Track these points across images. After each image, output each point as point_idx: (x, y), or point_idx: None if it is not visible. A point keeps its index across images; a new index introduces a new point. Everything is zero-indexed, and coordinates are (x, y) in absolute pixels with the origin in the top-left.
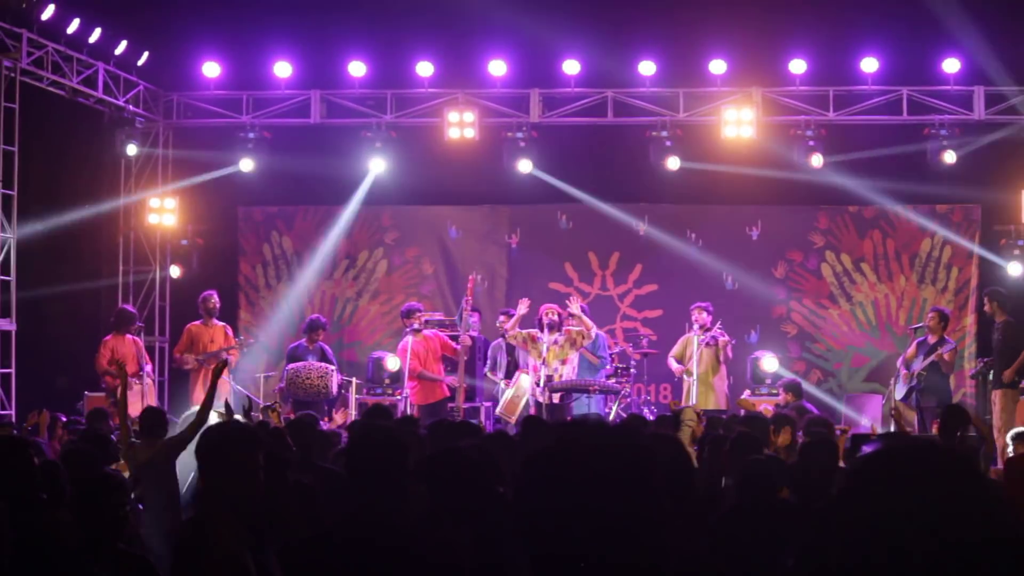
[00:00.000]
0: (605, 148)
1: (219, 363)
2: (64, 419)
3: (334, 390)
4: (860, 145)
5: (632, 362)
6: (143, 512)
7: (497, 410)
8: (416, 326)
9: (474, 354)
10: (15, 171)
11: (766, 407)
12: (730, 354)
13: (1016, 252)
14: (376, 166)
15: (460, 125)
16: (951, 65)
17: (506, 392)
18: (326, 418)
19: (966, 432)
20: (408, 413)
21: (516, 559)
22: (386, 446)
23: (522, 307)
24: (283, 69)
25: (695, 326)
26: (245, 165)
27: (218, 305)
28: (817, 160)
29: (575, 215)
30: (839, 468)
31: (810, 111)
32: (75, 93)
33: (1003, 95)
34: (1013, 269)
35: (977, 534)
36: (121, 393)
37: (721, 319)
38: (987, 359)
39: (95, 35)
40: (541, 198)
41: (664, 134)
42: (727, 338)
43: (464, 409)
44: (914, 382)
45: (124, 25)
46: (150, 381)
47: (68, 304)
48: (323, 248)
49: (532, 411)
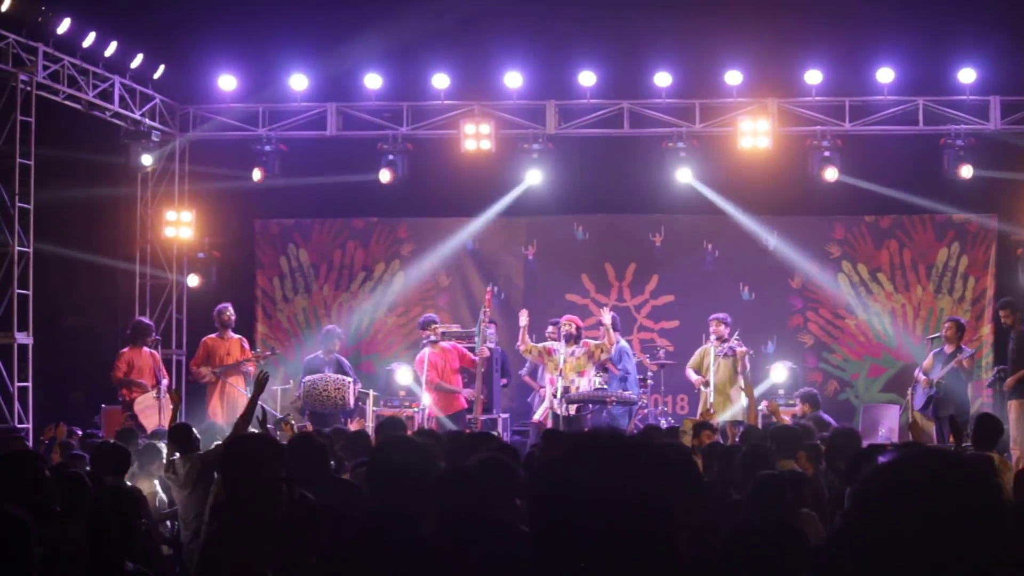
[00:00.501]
0: (621, 159)
1: (260, 376)
2: (80, 433)
3: (351, 402)
4: (876, 155)
5: (649, 373)
6: (183, 528)
7: (535, 416)
8: (432, 337)
9: (491, 366)
10: (31, 185)
11: (784, 418)
12: (747, 365)
13: None
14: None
15: (476, 137)
16: (967, 75)
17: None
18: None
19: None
20: (424, 425)
21: None
22: (410, 458)
23: (522, 318)
24: (299, 82)
25: (712, 337)
26: (255, 175)
27: (233, 317)
28: (831, 174)
29: (592, 226)
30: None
31: (826, 122)
32: (91, 107)
33: (1019, 104)
34: None
35: (987, 546)
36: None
37: (739, 330)
38: (1002, 367)
39: (111, 49)
40: (557, 209)
41: (680, 145)
42: (744, 348)
43: (482, 420)
44: (932, 391)
45: (140, 39)
46: (168, 395)
47: (85, 318)
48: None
49: (549, 423)
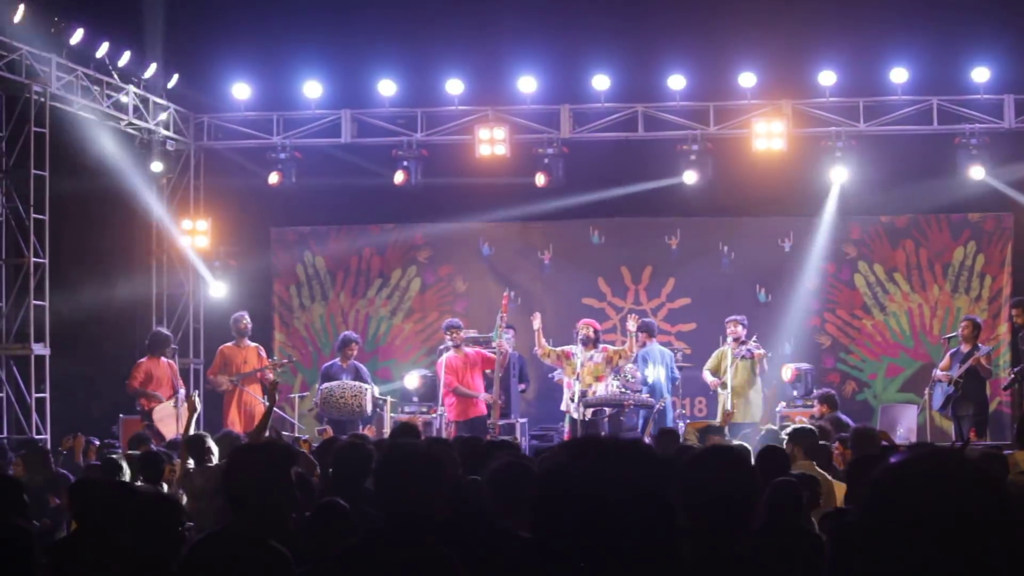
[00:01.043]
0: (636, 162)
1: (271, 393)
2: (97, 443)
3: (368, 408)
4: (891, 155)
5: (673, 376)
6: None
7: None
8: (451, 342)
9: (509, 371)
10: (46, 195)
11: (801, 419)
12: (765, 367)
13: None
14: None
15: (491, 142)
16: (980, 74)
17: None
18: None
19: None
20: (443, 431)
21: None
22: (415, 463)
23: (535, 322)
24: (313, 89)
25: (729, 339)
26: (272, 178)
27: (250, 326)
28: (837, 174)
29: (607, 230)
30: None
31: (840, 122)
32: (105, 117)
33: None
34: None
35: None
36: (187, 424)
37: (757, 332)
38: (1018, 368)
39: (124, 59)
40: (573, 213)
41: (695, 148)
42: (763, 351)
43: (500, 426)
44: (951, 390)
45: (153, 48)
46: (185, 404)
47: (102, 328)
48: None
49: (567, 428)
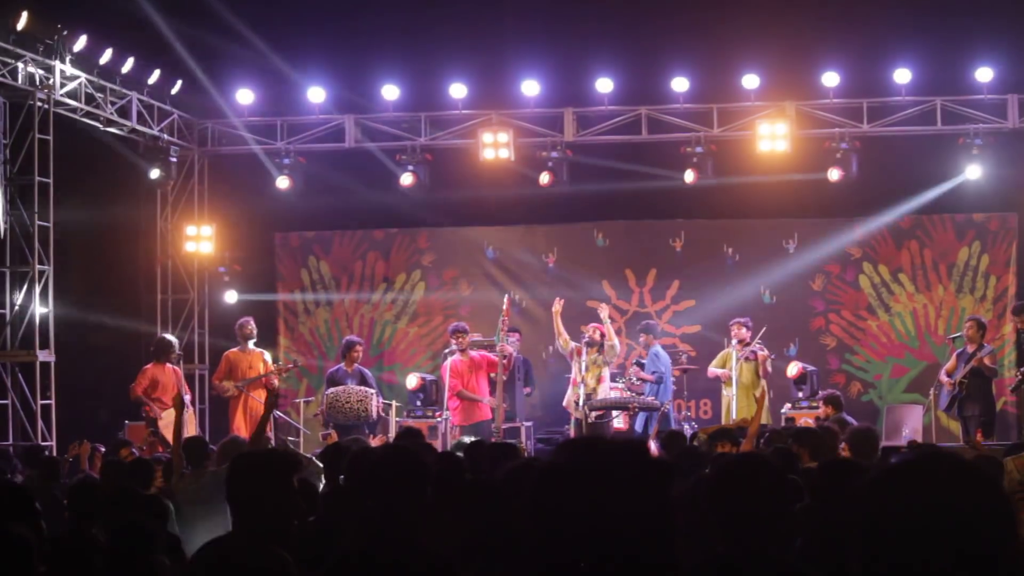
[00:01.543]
0: (640, 165)
1: (269, 396)
2: (103, 450)
3: (374, 414)
4: (895, 156)
5: (671, 378)
6: (189, 545)
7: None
8: (455, 346)
9: (513, 374)
10: (50, 202)
11: (806, 420)
12: (769, 369)
13: None
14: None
15: (495, 146)
16: (984, 74)
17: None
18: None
19: None
20: (448, 435)
21: None
22: (396, 466)
23: (556, 305)
24: (316, 94)
25: (734, 340)
26: (281, 183)
27: (255, 331)
28: (833, 175)
29: (611, 232)
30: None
31: (844, 123)
32: (109, 123)
33: None
34: None
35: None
36: (177, 421)
37: (762, 333)
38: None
39: (128, 65)
40: (577, 216)
41: (699, 150)
42: (767, 353)
43: (504, 430)
44: (956, 391)
45: (156, 54)
46: (190, 410)
47: (107, 334)
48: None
49: (572, 431)
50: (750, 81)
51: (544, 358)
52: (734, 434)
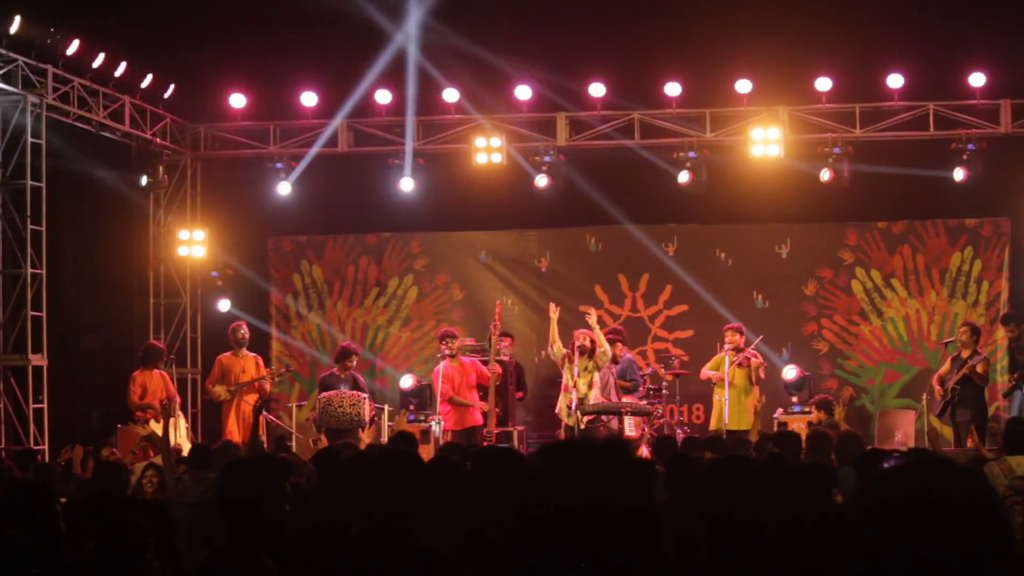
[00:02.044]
0: (632, 170)
1: (257, 403)
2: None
3: (367, 418)
4: (887, 161)
5: (664, 383)
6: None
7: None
8: (448, 351)
9: (506, 378)
10: (43, 206)
11: (799, 425)
12: (762, 375)
13: None
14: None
15: (487, 150)
16: (977, 79)
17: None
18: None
19: None
20: (440, 439)
21: None
22: (396, 466)
23: (554, 312)
24: (309, 99)
25: (727, 346)
26: (283, 188)
27: (248, 335)
28: (824, 175)
29: (604, 237)
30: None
31: (837, 128)
32: (102, 127)
33: None
34: None
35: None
36: (163, 430)
37: (758, 341)
38: (1017, 374)
39: (120, 69)
40: (570, 221)
41: (691, 155)
42: (760, 360)
43: (496, 434)
44: (948, 396)
45: (149, 58)
46: (180, 413)
47: (99, 338)
48: None
49: (563, 436)
50: (743, 86)
51: (536, 363)
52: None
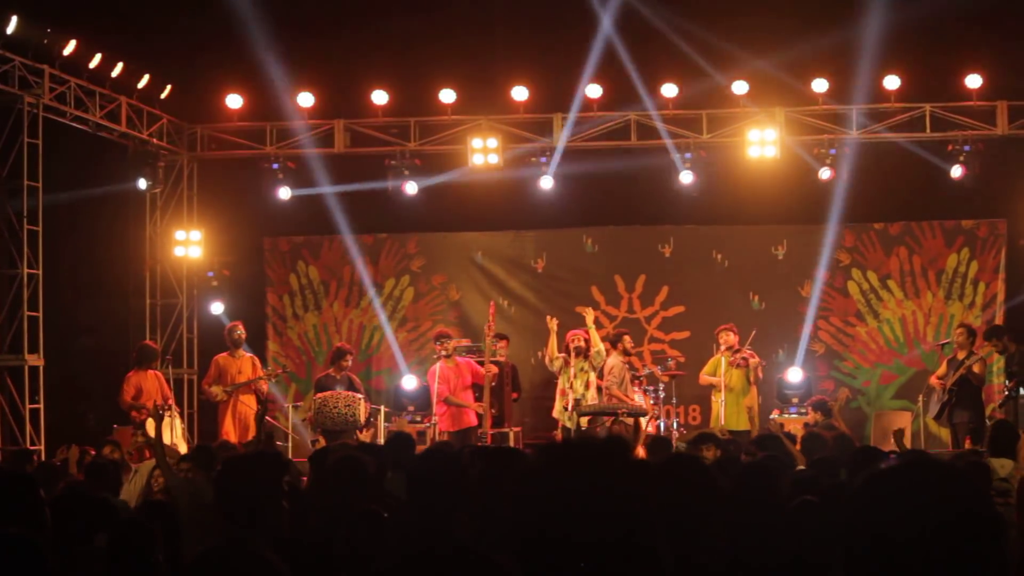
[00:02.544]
0: (629, 170)
1: (259, 409)
2: (93, 453)
3: (362, 418)
4: (884, 162)
5: (660, 384)
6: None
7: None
8: (444, 352)
9: (502, 379)
10: (40, 206)
11: (795, 426)
12: (760, 375)
13: None
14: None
15: (484, 151)
16: (973, 80)
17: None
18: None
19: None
20: (436, 440)
21: None
22: (447, 471)
23: (552, 323)
24: (306, 99)
25: (722, 347)
26: (283, 193)
27: (244, 336)
28: (824, 172)
29: (601, 238)
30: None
31: (834, 129)
32: (98, 127)
33: None
34: None
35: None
36: (156, 432)
37: (752, 339)
38: (1010, 385)
39: (117, 69)
40: (566, 222)
41: (688, 156)
42: (758, 359)
43: (492, 435)
44: (945, 398)
45: (146, 59)
46: (176, 414)
47: (96, 338)
48: None
49: (560, 438)
50: (739, 87)
51: (532, 364)
52: (718, 437)
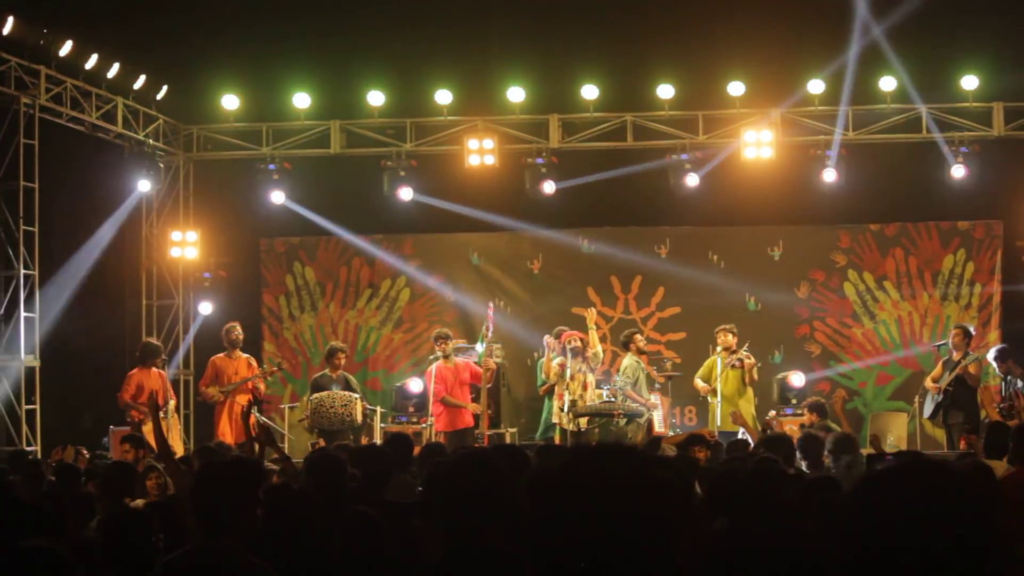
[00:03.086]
0: (625, 172)
1: (245, 407)
2: (87, 455)
3: (359, 418)
4: (880, 163)
5: (656, 385)
6: None
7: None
8: (439, 353)
9: (498, 380)
10: (36, 207)
11: (791, 428)
12: (755, 376)
13: None
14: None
15: (480, 152)
16: (969, 82)
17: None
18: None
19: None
20: (432, 440)
21: None
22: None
23: (548, 339)
24: (302, 100)
25: (719, 348)
26: (277, 198)
27: (241, 336)
28: (830, 175)
29: (597, 239)
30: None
31: (830, 131)
32: (94, 128)
33: (1023, 110)
34: None
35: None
36: (155, 428)
37: (749, 341)
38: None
39: (113, 70)
40: (562, 223)
41: (684, 157)
42: (753, 360)
43: (488, 436)
44: (940, 398)
45: (142, 60)
46: (175, 415)
47: (91, 339)
48: None
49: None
50: (735, 88)
51: (528, 364)
52: (707, 439)
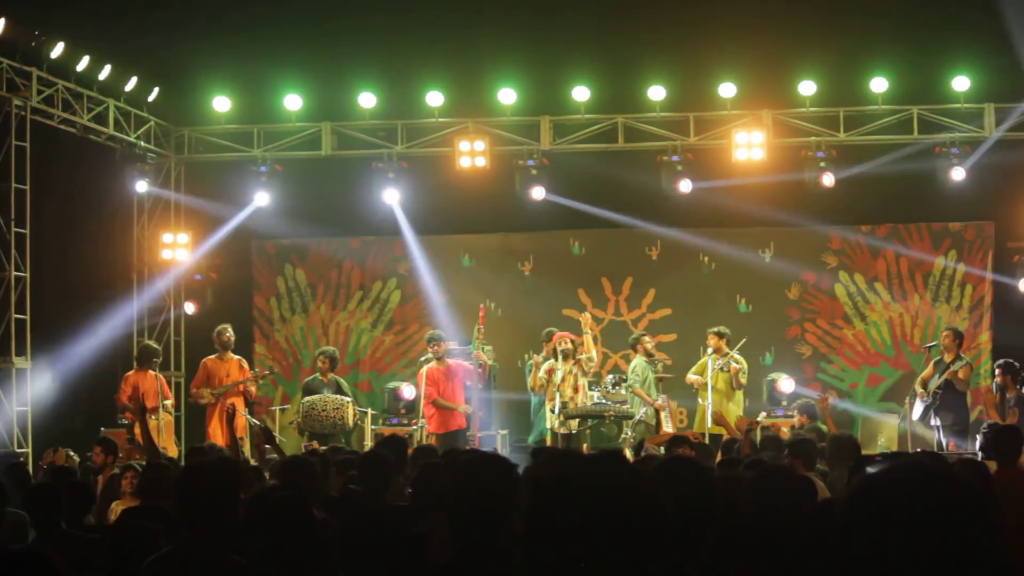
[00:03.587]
0: (616, 173)
1: (229, 409)
2: (78, 458)
3: (350, 422)
4: (871, 165)
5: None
6: None
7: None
8: (430, 355)
9: (489, 382)
10: (27, 209)
11: (782, 429)
12: (742, 380)
13: None
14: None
15: (471, 154)
16: (960, 83)
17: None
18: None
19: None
20: (423, 442)
21: None
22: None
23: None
24: (293, 102)
25: (710, 350)
26: (260, 199)
27: (233, 338)
28: (828, 179)
29: (588, 241)
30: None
31: (821, 132)
32: (86, 130)
33: (1013, 111)
34: None
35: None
36: (142, 429)
37: (745, 338)
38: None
39: (105, 72)
40: (553, 225)
41: (675, 158)
42: (737, 365)
43: (479, 437)
44: (929, 400)
45: (134, 62)
46: (168, 416)
47: (83, 341)
48: None
49: (548, 441)
50: (726, 90)
51: (519, 366)
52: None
